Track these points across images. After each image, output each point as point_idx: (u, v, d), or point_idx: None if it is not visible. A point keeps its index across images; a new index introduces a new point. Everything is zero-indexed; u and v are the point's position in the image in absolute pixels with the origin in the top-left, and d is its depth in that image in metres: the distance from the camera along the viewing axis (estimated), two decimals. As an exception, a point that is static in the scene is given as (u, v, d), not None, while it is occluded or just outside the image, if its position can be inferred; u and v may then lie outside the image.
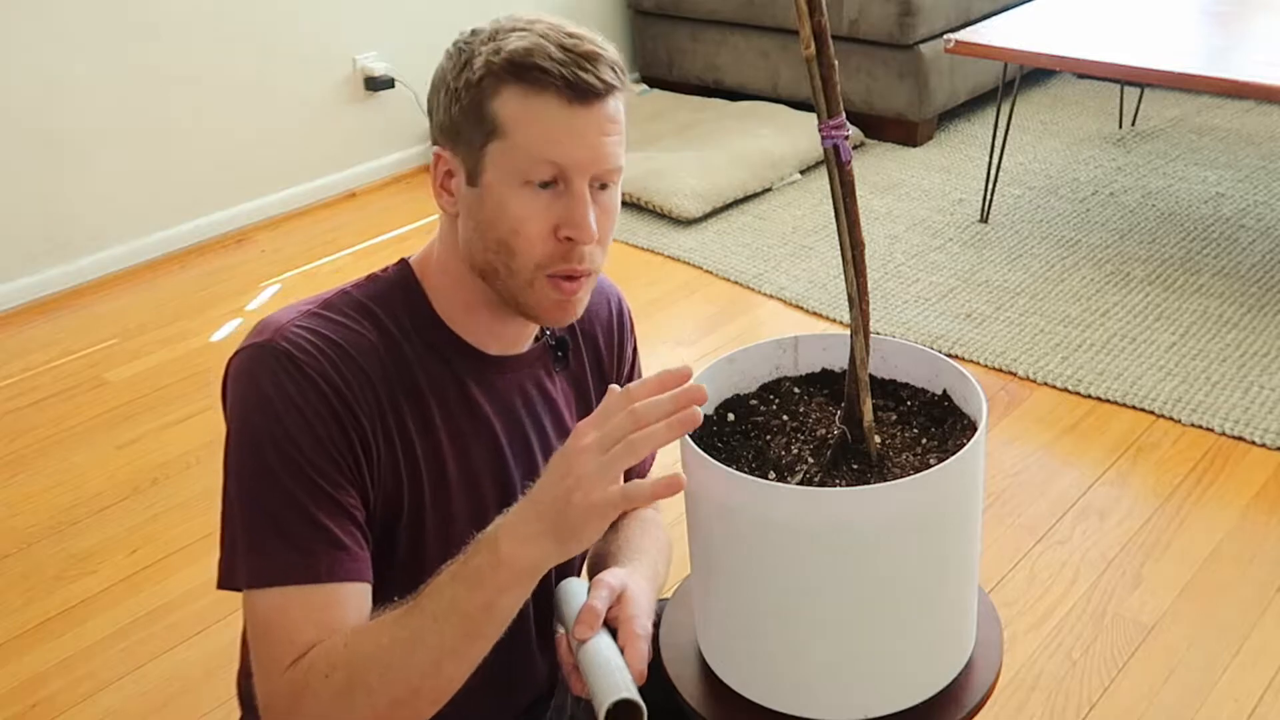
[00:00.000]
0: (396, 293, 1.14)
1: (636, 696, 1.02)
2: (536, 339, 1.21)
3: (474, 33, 1.08)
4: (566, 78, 1.02)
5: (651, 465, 1.39)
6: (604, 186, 1.08)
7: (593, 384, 1.27)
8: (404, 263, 1.17)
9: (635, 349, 1.36)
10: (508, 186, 1.05)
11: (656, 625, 1.19)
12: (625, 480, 1.22)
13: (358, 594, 1.03)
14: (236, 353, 1.08)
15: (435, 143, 1.11)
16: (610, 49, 1.07)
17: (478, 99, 1.05)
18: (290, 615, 1.01)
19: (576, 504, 0.95)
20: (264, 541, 1.03)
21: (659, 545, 1.30)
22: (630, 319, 1.34)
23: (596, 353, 1.28)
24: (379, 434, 1.07)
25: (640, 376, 1.35)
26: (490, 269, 1.09)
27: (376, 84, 3.82)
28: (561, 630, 1.15)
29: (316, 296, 1.13)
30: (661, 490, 0.96)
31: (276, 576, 1.02)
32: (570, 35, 1.05)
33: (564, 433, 1.23)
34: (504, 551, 0.96)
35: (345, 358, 1.06)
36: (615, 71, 1.06)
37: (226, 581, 1.06)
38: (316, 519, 1.02)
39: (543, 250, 1.07)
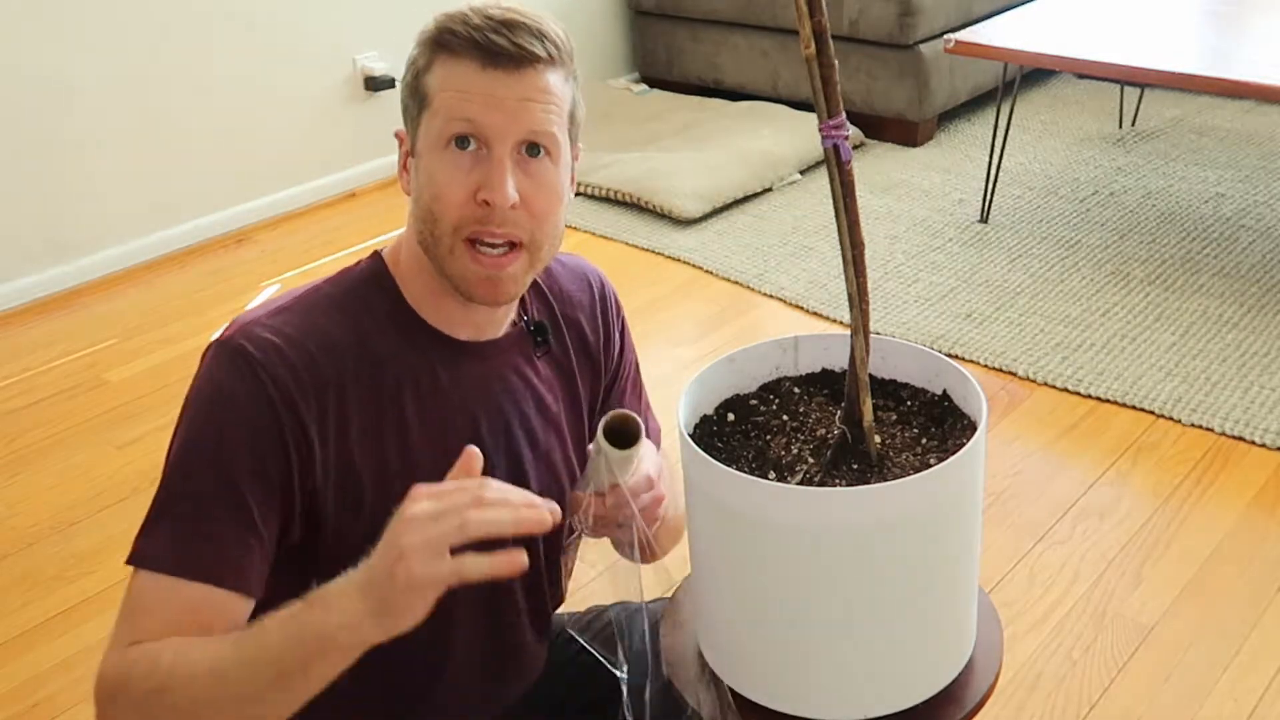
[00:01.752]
0: (368, 285, 1.15)
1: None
2: (514, 324, 1.20)
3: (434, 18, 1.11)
4: (477, 40, 1.05)
5: (658, 434, 1.35)
6: (535, 155, 1.08)
7: (578, 367, 1.26)
8: (376, 255, 1.18)
9: (626, 329, 1.34)
10: (432, 152, 1.08)
11: (656, 625, 1.19)
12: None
13: (231, 603, 1.02)
14: (209, 345, 1.09)
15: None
16: (546, 24, 1.08)
17: (415, 74, 1.10)
18: (149, 600, 1.02)
19: (400, 577, 0.89)
20: (159, 525, 1.04)
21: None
22: (616, 298, 1.32)
23: (580, 335, 1.27)
24: (333, 428, 1.07)
25: (634, 357, 1.35)
26: (424, 239, 1.10)
27: (376, 84, 3.82)
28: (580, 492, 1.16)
29: (290, 292, 1.14)
30: (500, 567, 0.90)
31: (154, 561, 1.02)
32: (501, 9, 1.07)
33: (548, 418, 1.22)
34: (331, 623, 0.92)
35: (304, 357, 1.07)
36: (542, 42, 1.06)
37: (132, 556, 1.06)
38: (215, 519, 1.02)
39: (460, 214, 1.07)
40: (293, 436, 1.05)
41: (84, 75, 3.23)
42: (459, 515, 0.89)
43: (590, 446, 1.15)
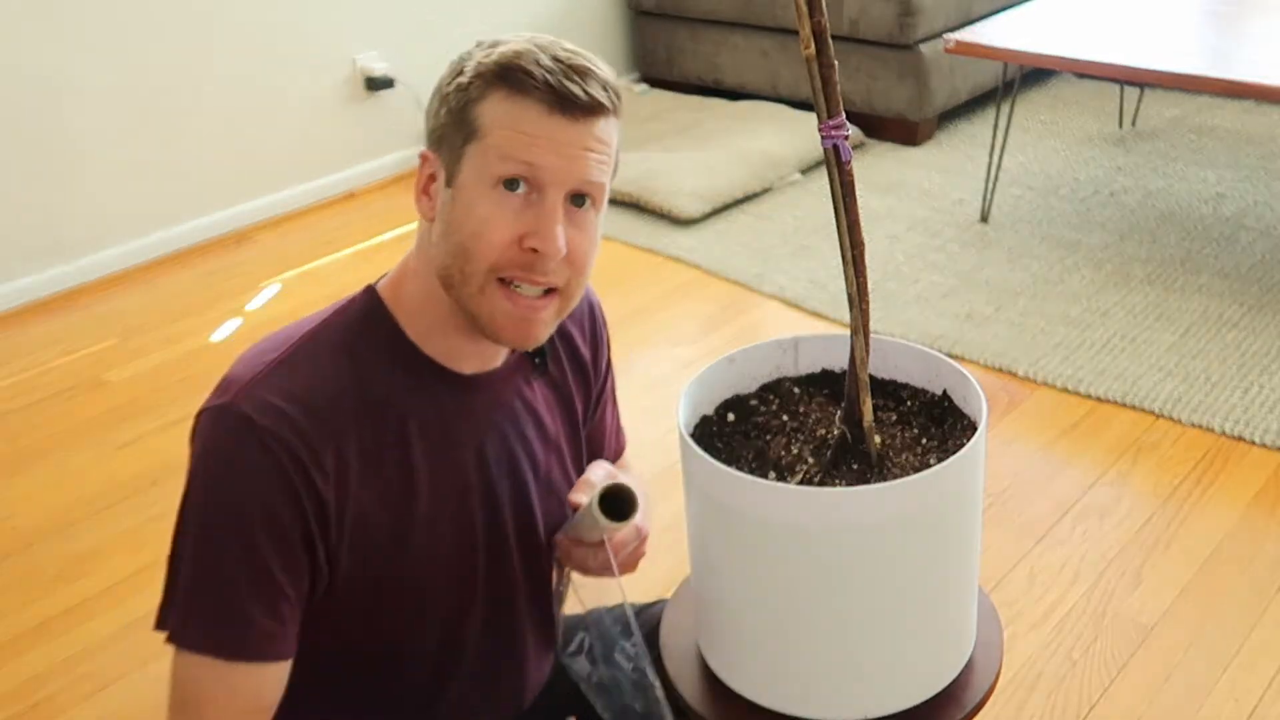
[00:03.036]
0: (366, 324, 1.11)
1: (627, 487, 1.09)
2: (512, 350, 1.19)
3: (478, 45, 1.08)
4: (551, 84, 1.02)
5: (624, 446, 1.38)
6: (582, 205, 1.06)
7: (574, 385, 1.26)
8: (371, 290, 1.14)
9: (609, 342, 1.34)
10: (479, 187, 1.04)
11: (656, 625, 1.19)
12: (590, 457, 1.25)
13: (273, 673, 1.06)
14: (201, 410, 1.06)
15: (427, 147, 1.11)
16: (607, 70, 1.06)
17: (464, 101, 1.05)
18: (203, 687, 1.05)
19: None
20: (200, 607, 1.05)
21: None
22: (602, 314, 1.32)
23: (574, 350, 1.27)
24: (345, 478, 1.06)
25: (611, 374, 1.35)
26: (447, 275, 1.07)
27: (376, 84, 3.82)
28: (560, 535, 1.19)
29: (284, 337, 1.10)
30: None
31: (200, 645, 1.04)
32: (566, 50, 1.04)
33: (547, 439, 1.22)
34: None
35: (308, 413, 1.04)
36: (607, 92, 1.04)
37: (161, 624, 1.08)
38: (246, 597, 1.04)
39: (501, 256, 1.04)
40: (309, 500, 1.04)
41: (84, 75, 3.23)
42: None
43: (583, 501, 1.14)
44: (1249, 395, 2.51)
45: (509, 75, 1.03)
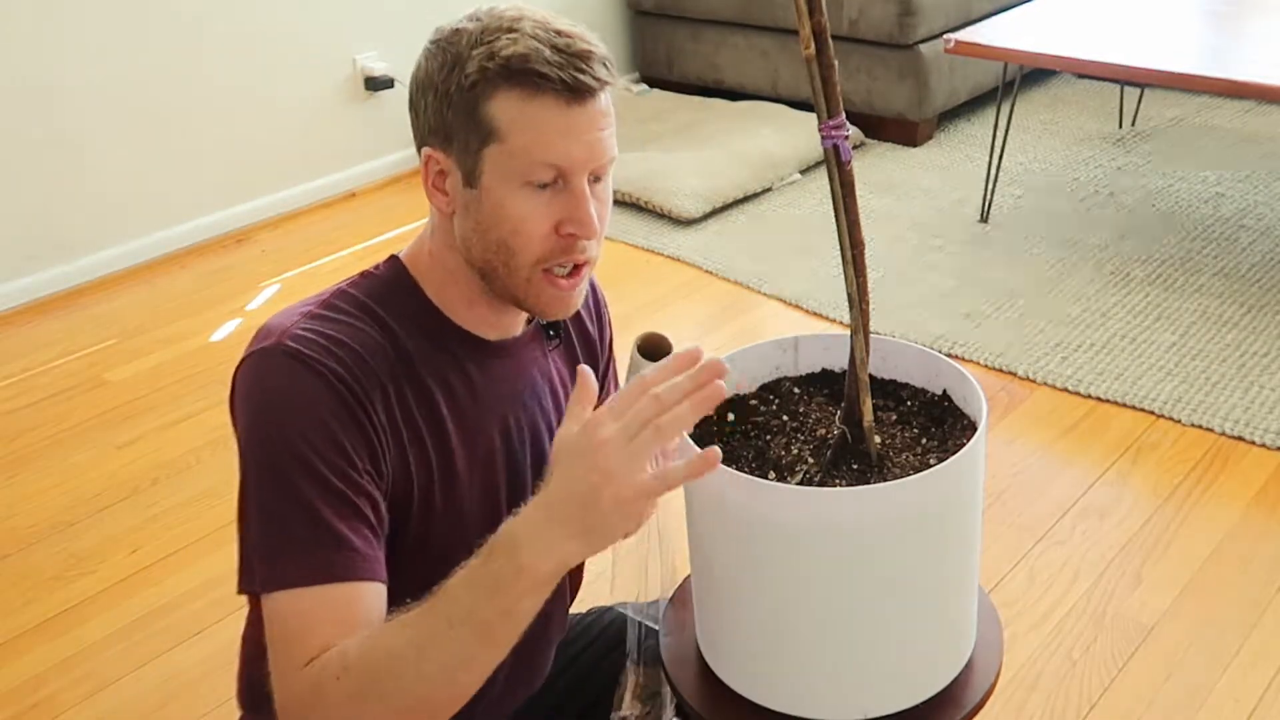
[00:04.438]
0: (393, 288, 1.14)
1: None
2: (528, 320, 1.21)
3: (456, 32, 1.06)
4: (565, 80, 1.02)
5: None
6: (598, 179, 1.09)
7: (583, 357, 1.28)
8: (395, 259, 1.17)
9: (611, 324, 1.36)
10: (507, 188, 1.05)
11: (656, 625, 1.19)
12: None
13: (373, 593, 1.02)
14: (243, 360, 1.07)
15: (424, 143, 1.11)
16: (598, 43, 1.07)
17: (472, 102, 1.04)
18: (305, 616, 1.00)
19: (607, 500, 0.90)
20: (279, 545, 1.02)
21: None
22: (603, 293, 1.35)
23: (582, 327, 1.29)
24: (388, 428, 1.07)
25: (613, 351, 1.36)
26: (490, 268, 1.09)
27: (376, 84, 3.82)
28: None
29: (314, 297, 1.12)
30: (698, 468, 0.91)
31: (291, 578, 1.01)
32: (560, 34, 1.05)
33: (561, 409, 1.23)
34: (525, 559, 0.92)
35: (353, 355, 1.06)
36: (606, 67, 1.06)
37: (245, 585, 1.05)
38: (330, 520, 1.01)
39: (543, 248, 1.07)
40: (368, 423, 1.05)
41: (83, 75, 3.22)
42: (651, 425, 0.90)
43: (626, 367, 1.16)
44: (1249, 395, 2.51)
45: (520, 76, 1.03)
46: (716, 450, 0.91)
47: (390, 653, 0.95)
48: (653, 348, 1.14)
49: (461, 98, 1.05)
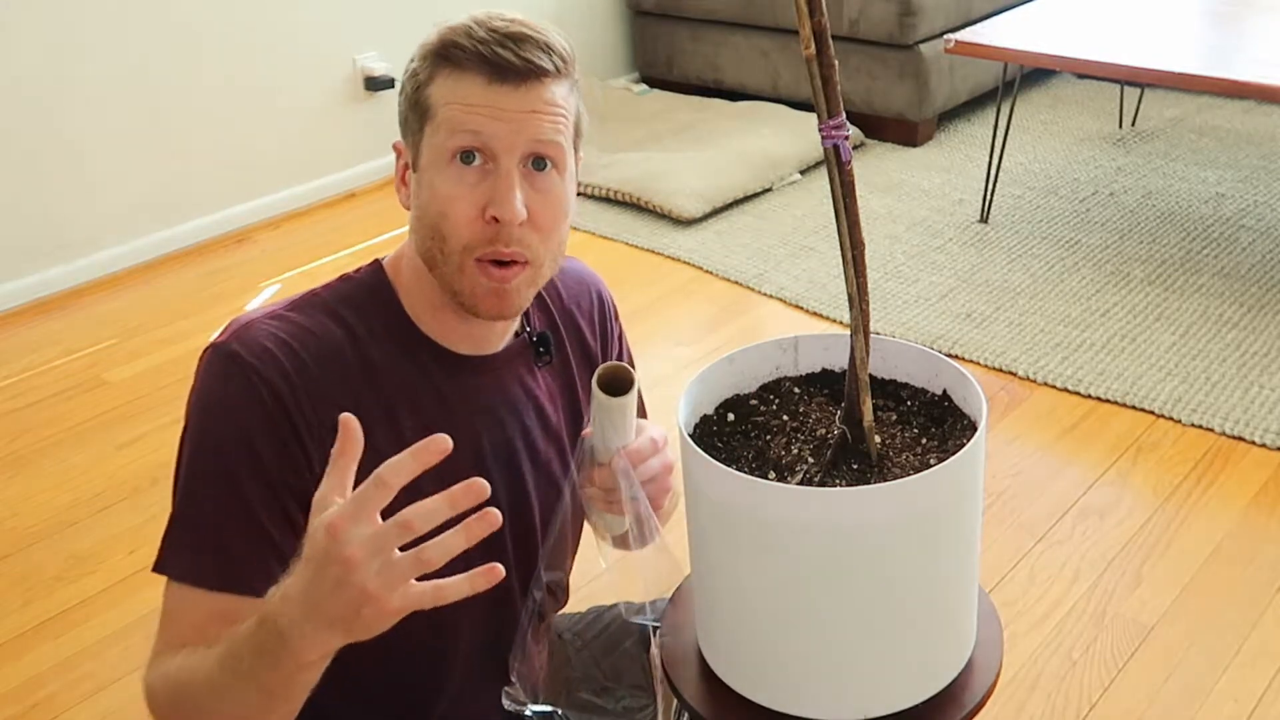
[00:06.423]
0: (367, 294, 1.14)
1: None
2: (516, 334, 1.20)
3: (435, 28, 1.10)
4: (483, 54, 1.03)
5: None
6: (542, 169, 1.07)
7: (580, 376, 1.26)
8: (376, 263, 1.17)
9: (623, 336, 1.35)
10: (437, 165, 1.06)
11: (656, 625, 1.19)
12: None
13: (248, 608, 1.00)
14: (205, 349, 1.10)
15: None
16: (552, 36, 1.06)
17: (416, 89, 1.08)
18: (175, 610, 1.06)
19: (369, 615, 0.84)
20: (177, 535, 1.07)
21: None
22: (613, 306, 1.33)
23: (582, 344, 1.27)
24: (323, 440, 1.04)
25: (631, 363, 1.34)
26: (429, 256, 1.09)
27: (376, 84, 3.82)
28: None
29: (289, 298, 1.13)
30: (479, 584, 0.84)
31: (174, 571, 1.06)
32: (506, 20, 1.05)
33: (548, 430, 1.22)
34: (290, 643, 0.87)
35: (297, 362, 1.06)
36: (549, 55, 1.05)
37: (156, 565, 1.09)
38: (226, 530, 1.04)
39: (469, 232, 1.06)
40: (292, 444, 1.05)
41: (83, 75, 3.22)
42: (409, 554, 0.83)
43: (591, 406, 1.14)
44: (1249, 395, 2.51)
45: (446, 53, 1.05)
46: (499, 567, 0.85)
47: (195, 681, 0.98)
48: (613, 381, 1.10)
49: (410, 84, 1.09)
